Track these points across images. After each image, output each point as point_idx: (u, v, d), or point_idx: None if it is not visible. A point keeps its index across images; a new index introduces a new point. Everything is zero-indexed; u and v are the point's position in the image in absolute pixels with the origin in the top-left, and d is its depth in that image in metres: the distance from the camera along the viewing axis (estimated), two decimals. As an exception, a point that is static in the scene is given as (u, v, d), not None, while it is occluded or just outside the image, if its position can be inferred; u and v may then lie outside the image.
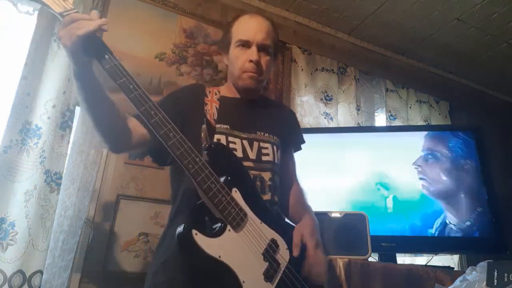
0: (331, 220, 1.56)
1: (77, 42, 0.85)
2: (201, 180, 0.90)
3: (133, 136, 1.05)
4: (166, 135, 0.90)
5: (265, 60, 1.21)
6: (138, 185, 1.93)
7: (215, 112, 1.16)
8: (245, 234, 0.94)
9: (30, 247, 1.62)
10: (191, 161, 0.90)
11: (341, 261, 1.39)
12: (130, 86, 0.91)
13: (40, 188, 1.69)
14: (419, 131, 2.20)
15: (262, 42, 1.20)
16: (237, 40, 1.20)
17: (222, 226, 0.91)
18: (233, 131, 1.15)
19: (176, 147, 0.90)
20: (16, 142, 1.69)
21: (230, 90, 1.26)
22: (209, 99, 1.20)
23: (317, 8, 2.65)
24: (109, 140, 1.04)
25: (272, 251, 0.98)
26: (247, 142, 1.15)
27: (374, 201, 1.92)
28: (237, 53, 1.20)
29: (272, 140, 1.20)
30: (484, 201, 1.87)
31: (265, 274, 0.93)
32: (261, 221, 0.99)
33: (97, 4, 2.08)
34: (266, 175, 1.13)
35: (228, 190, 0.95)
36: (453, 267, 2.14)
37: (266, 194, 1.12)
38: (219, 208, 0.91)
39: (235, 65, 1.21)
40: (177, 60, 2.22)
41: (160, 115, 0.92)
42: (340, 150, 2.05)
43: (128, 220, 1.86)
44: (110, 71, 0.90)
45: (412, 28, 2.79)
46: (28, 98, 1.74)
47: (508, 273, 1.09)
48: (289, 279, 0.98)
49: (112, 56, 0.91)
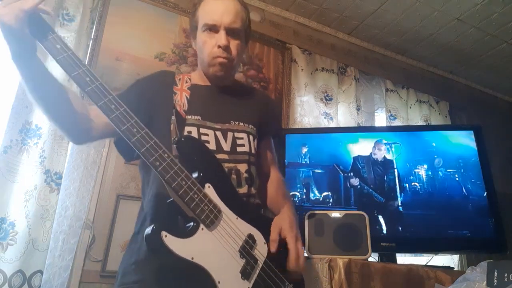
0: (331, 220, 1.56)
1: (23, 18, 0.76)
2: (170, 178, 0.84)
3: (95, 126, 0.97)
4: (129, 131, 0.83)
5: (235, 44, 1.11)
6: (138, 185, 1.91)
7: (185, 103, 1.08)
8: (219, 232, 0.89)
9: (30, 247, 1.62)
10: (158, 158, 0.84)
11: (341, 261, 1.38)
12: (87, 79, 0.82)
13: (40, 188, 1.69)
14: (419, 131, 2.20)
15: (230, 26, 1.09)
16: (203, 24, 1.10)
17: (194, 225, 0.86)
18: (205, 122, 1.07)
19: (141, 143, 0.83)
20: (16, 142, 1.69)
21: (201, 78, 1.18)
22: (179, 88, 1.12)
23: (317, 8, 2.65)
24: (68, 131, 0.97)
25: (249, 247, 0.93)
26: (220, 133, 1.08)
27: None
28: (204, 37, 1.10)
29: (247, 129, 1.13)
30: (484, 201, 1.87)
31: (242, 272, 0.89)
32: (237, 217, 0.95)
33: (97, 4, 2.08)
34: (242, 167, 1.07)
35: (200, 186, 0.89)
36: (453, 267, 2.14)
37: (242, 187, 1.06)
38: (191, 207, 0.85)
39: (203, 51, 1.11)
40: (177, 60, 2.22)
41: (121, 109, 0.84)
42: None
43: (128, 220, 1.85)
44: (62, 62, 0.82)
45: (412, 28, 2.79)
46: (28, 98, 1.74)
47: (508, 273, 1.09)
48: (267, 274, 0.95)
49: (64, 46, 0.83)
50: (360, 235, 1.52)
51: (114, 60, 2.05)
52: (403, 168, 1.97)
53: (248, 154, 1.10)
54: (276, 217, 1.08)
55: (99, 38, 2.03)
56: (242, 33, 1.15)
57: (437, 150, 2.01)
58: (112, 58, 2.04)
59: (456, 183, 1.94)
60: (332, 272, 1.38)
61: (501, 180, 2.28)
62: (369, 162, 2.01)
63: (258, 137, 1.18)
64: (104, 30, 2.06)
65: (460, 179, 1.94)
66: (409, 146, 2.03)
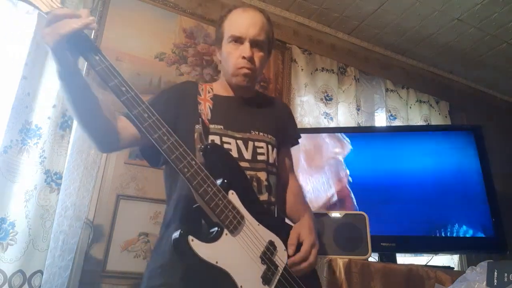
0: (331, 220, 1.56)
1: (60, 41, 0.81)
2: (197, 184, 0.88)
3: (122, 136, 1.01)
4: (160, 139, 0.87)
5: (259, 56, 1.16)
6: (138, 185, 1.93)
7: (208, 112, 1.12)
8: (242, 238, 0.93)
9: (30, 247, 1.62)
10: (187, 165, 0.88)
11: (341, 261, 1.38)
12: (123, 89, 0.87)
13: (40, 188, 1.69)
14: (419, 131, 2.20)
15: (255, 38, 1.14)
16: (230, 36, 1.15)
17: (219, 230, 0.90)
18: (227, 131, 1.11)
19: (171, 150, 0.87)
20: (16, 142, 1.69)
21: (224, 88, 1.22)
22: (202, 97, 1.16)
23: (317, 8, 2.65)
24: (96, 140, 1.01)
25: (270, 253, 0.97)
26: (241, 142, 1.12)
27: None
28: (229, 49, 1.16)
29: (267, 139, 1.17)
30: (484, 201, 1.87)
31: (263, 277, 0.92)
32: (258, 223, 0.98)
33: (97, 4, 2.08)
34: (262, 175, 1.11)
35: (224, 193, 0.92)
36: (453, 267, 2.14)
37: (263, 194, 1.10)
38: (216, 212, 0.89)
39: (228, 62, 1.17)
40: (177, 60, 2.22)
41: (153, 118, 0.88)
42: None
43: (128, 220, 1.86)
44: (101, 72, 0.87)
45: (412, 28, 2.79)
46: (28, 98, 1.74)
47: (508, 273, 1.09)
48: (287, 281, 0.97)
49: (102, 57, 0.88)
50: (360, 235, 1.52)
51: (114, 60, 2.05)
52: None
53: (267, 163, 1.14)
54: (296, 224, 1.12)
55: (99, 38, 2.03)
56: (266, 45, 1.19)
57: (437, 150, 2.01)
58: (112, 58, 2.00)
59: (457, 183, 1.94)
60: (332, 272, 1.38)
61: (501, 180, 2.27)
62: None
63: (277, 146, 1.21)
64: (104, 30, 2.06)
65: (461, 179, 1.94)
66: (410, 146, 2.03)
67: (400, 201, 1.91)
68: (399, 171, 1.97)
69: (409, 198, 1.91)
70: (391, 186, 1.94)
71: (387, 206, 1.90)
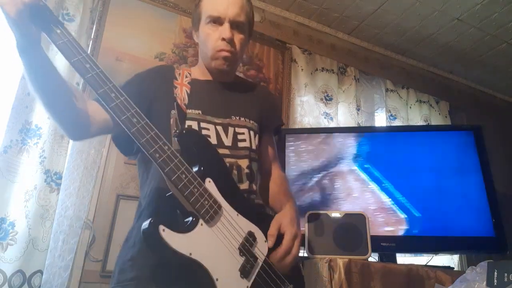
0: (331, 220, 1.56)
1: (24, 10, 0.74)
2: (169, 171, 0.81)
3: (93, 122, 0.94)
4: (128, 121, 0.80)
5: (239, 39, 1.09)
6: (138, 185, 1.92)
7: (185, 97, 1.06)
8: (219, 228, 0.87)
9: (30, 247, 1.62)
10: (158, 150, 0.81)
11: (341, 261, 1.38)
12: (87, 65, 0.80)
13: (40, 188, 1.69)
14: (419, 131, 2.20)
15: (235, 18, 1.07)
16: (208, 16, 1.08)
17: (194, 220, 0.83)
18: (206, 116, 1.05)
19: (141, 133, 0.81)
20: (16, 142, 1.69)
21: (202, 72, 1.16)
22: (179, 82, 1.09)
23: (317, 8, 2.65)
24: (64, 126, 0.93)
25: (249, 244, 0.91)
26: (221, 127, 1.06)
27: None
28: (208, 30, 1.08)
29: (248, 124, 1.11)
30: (484, 201, 1.87)
31: (241, 270, 0.86)
32: (237, 213, 0.92)
33: (97, 4, 2.08)
34: (243, 162, 1.05)
35: (200, 180, 0.86)
36: (453, 267, 2.14)
37: (243, 183, 1.04)
38: (191, 201, 0.83)
39: (206, 44, 1.09)
40: (177, 60, 2.22)
41: (121, 98, 0.82)
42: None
43: (128, 220, 1.85)
44: (62, 47, 0.80)
45: (412, 28, 2.79)
46: (28, 98, 1.74)
47: (508, 273, 1.09)
48: (267, 273, 0.92)
49: (65, 31, 0.81)
50: (360, 235, 1.52)
51: (114, 60, 2.05)
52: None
53: (249, 150, 1.09)
54: (277, 214, 1.06)
55: (99, 38, 2.03)
56: (246, 27, 1.13)
57: (437, 150, 2.01)
58: (112, 58, 2.04)
59: (457, 183, 1.93)
60: (332, 272, 1.38)
61: (501, 180, 2.27)
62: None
63: (259, 133, 1.16)
64: (104, 30, 2.06)
65: (460, 179, 1.94)
66: (410, 147, 2.03)
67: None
68: (399, 171, 1.97)
69: (409, 198, 1.91)
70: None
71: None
